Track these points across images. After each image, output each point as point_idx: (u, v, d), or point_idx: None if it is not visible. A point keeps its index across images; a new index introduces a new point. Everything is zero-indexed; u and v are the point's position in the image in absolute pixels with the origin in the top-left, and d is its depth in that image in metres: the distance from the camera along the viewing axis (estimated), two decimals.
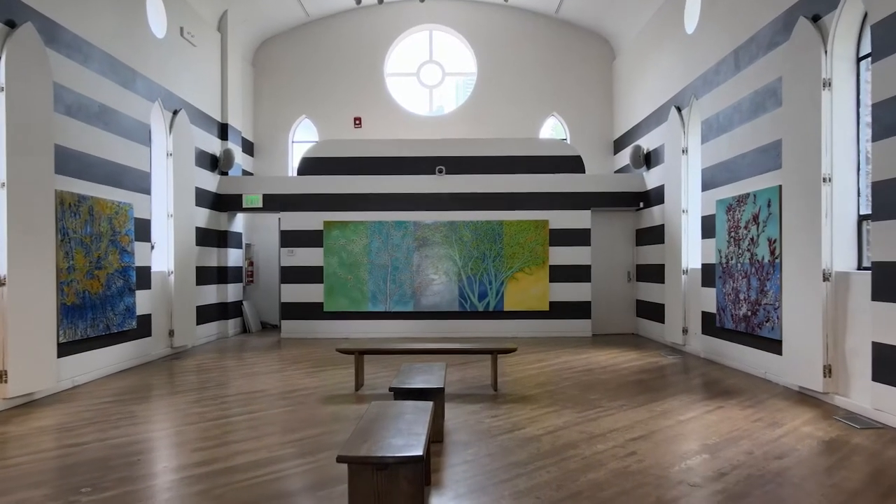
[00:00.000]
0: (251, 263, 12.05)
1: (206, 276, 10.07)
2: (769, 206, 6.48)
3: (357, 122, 12.58)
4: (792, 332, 6.00)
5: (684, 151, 8.80)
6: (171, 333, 8.73)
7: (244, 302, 11.47)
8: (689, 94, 8.67)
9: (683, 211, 8.80)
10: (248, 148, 12.40)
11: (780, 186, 6.25)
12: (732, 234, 7.26)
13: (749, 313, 6.86)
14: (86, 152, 6.84)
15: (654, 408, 5.43)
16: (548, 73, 12.61)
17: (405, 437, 2.93)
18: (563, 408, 5.44)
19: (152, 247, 8.64)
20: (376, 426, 3.13)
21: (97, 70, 7.09)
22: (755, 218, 6.76)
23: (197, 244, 9.67)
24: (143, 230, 8.04)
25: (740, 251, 7.09)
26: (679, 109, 8.96)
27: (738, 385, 6.37)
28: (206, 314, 10.02)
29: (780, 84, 6.25)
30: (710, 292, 7.93)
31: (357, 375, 6.25)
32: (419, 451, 2.73)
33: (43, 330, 5.89)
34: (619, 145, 12.21)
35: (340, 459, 2.71)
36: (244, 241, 11.86)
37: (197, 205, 9.72)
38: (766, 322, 6.52)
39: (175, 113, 8.95)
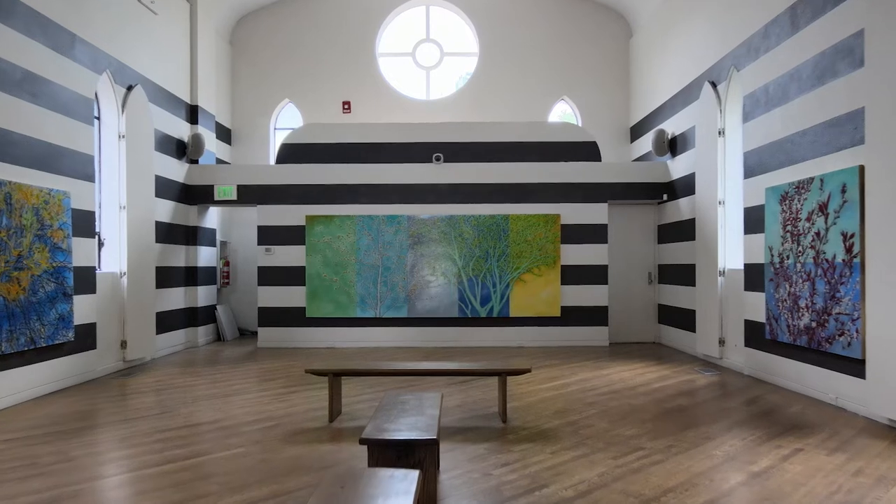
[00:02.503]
0: (227, 263, 10.80)
1: (170, 277, 8.83)
2: (843, 192, 5.24)
3: (346, 106, 11.34)
4: (880, 351, 4.76)
5: (720, 133, 7.56)
6: (124, 345, 7.49)
7: (218, 307, 10.23)
8: (726, 67, 7.43)
9: (720, 202, 7.56)
10: (225, 135, 11.15)
11: (862, 167, 5.02)
12: (789, 227, 6.02)
13: (814, 324, 5.63)
14: (2, 128, 5.60)
15: (712, 450, 4.20)
16: (557, 53, 11.37)
17: None
18: (594, 450, 4.21)
19: (100, 244, 7.41)
20: None
21: (21, 29, 5.85)
22: (822, 208, 5.52)
23: (158, 241, 8.43)
24: (85, 224, 6.79)
25: (800, 248, 5.85)
26: (714, 85, 7.73)
27: (807, 416, 5.13)
28: (169, 321, 8.77)
29: (861, 39, 5.01)
30: (757, 297, 6.69)
31: (332, 403, 5.00)
32: None
33: None
34: (636, 132, 10.97)
35: None
36: (218, 238, 10.62)
37: (159, 196, 8.48)
38: (840, 336, 5.28)
39: (129, 89, 7.71)
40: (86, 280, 6.77)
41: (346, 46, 11.38)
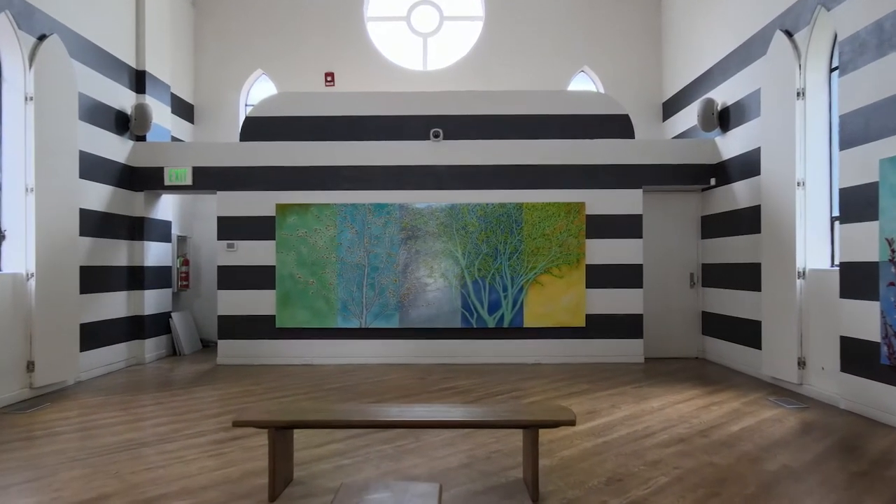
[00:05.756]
0: (186, 262, 9.11)
1: (104, 279, 7.14)
2: None
3: (329, 78, 9.66)
4: None
5: (800, 95, 5.88)
6: (31, 367, 5.80)
7: (173, 315, 8.53)
8: (808, 8, 5.75)
9: (798, 184, 5.88)
10: (186, 111, 9.46)
11: None
12: None
13: None
14: None
15: None
16: (576, 15, 9.69)
17: None
18: None
19: (0, 237, 5.73)
20: None
21: None
22: None
23: (85, 234, 6.74)
24: None
25: None
26: (789, 34, 6.05)
27: None
28: (104, 334, 7.08)
29: None
30: (862, 308, 5.01)
31: (274, 472, 3.31)
32: None
33: None
34: (671, 108, 9.29)
35: None
36: (175, 233, 8.92)
37: (87, 177, 6.79)
38: None
39: (41, 39, 6.02)
40: None
41: (328, 8, 9.69)
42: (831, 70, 5.84)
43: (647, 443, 4.28)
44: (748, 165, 6.91)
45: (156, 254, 8.15)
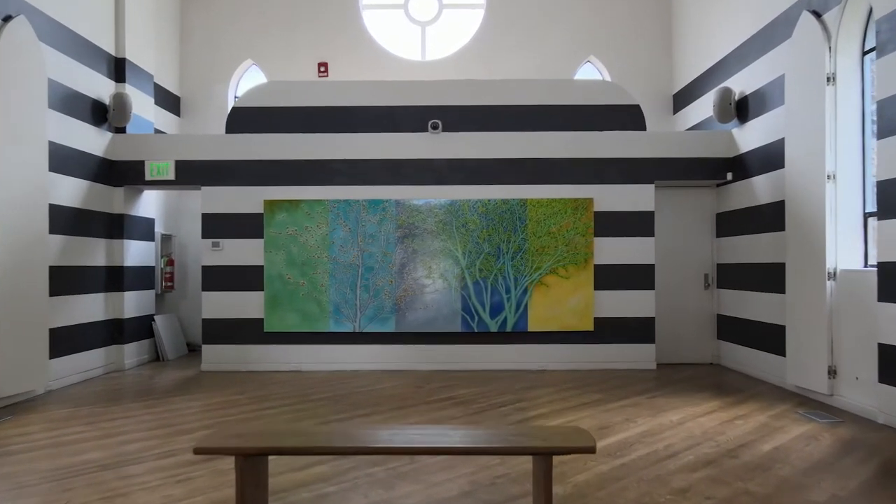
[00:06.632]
0: (171, 262, 8.62)
1: (79, 281, 6.66)
2: None
3: (322, 69, 9.18)
4: None
5: (830, 80, 5.41)
6: None
7: (156, 318, 8.05)
8: None
9: (829, 177, 5.40)
10: (172, 104, 8.98)
11: None
12: None
13: None
14: None
15: None
16: (581, 3, 9.21)
17: None
18: None
19: None
20: None
21: None
22: None
23: (56, 232, 6.26)
24: None
25: None
26: (818, 14, 5.58)
27: None
28: (77, 339, 6.60)
29: None
30: None
31: None
32: None
33: None
34: (682, 100, 8.81)
35: None
36: (159, 231, 8.45)
37: (58, 170, 6.31)
38: None
39: (6, 20, 5.54)
40: None
41: None
42: (864, 52, 5.36)
43: (671, 465, 3.80)
44: (770, 158, 6.44)
45: (137, 253, 7.68)
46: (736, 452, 4.06)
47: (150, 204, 8.04)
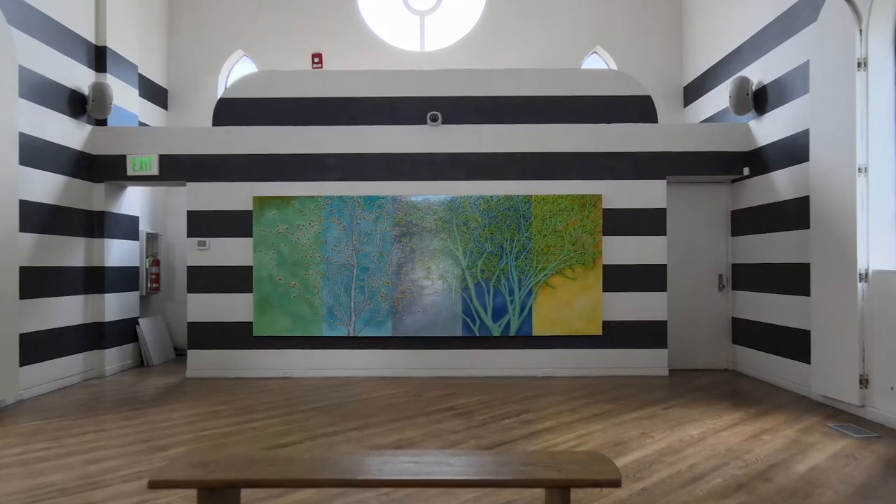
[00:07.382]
0: (156, 262, 8.21)
1: (54, 282, 6.25)
2: None
3: (316, 59, 8.75)
4: None
5: (861, 66, 4.99)
6: None
7: (140, 321, 7.64)
8: None
9: (860, 170, 4.99)
10: (159, 97, 8.57)
11: None
12: None
13: None
14: None
15: None
16: None
17: None
18: None
19: None
20: None
21: None
22: None
23: (27, 230, 5.84)
24: None
25: None
26: None
27: None
28: (52, 344, 6.19)
29: None
30: None
31: None
32: None
33: None
34: (693, 92, 8.40)
35: None
36: (144, 230, 8.03)
37: (30, 164, 5.90)
38: None
39: None
40: None
41: None
42: None
43: (698, 490, 3.39)
44: (792, 151, 6.03)
45: (120, 253, 7.27)
46: (768, 474, 3.65)
47: (134, 201, 7.63)
